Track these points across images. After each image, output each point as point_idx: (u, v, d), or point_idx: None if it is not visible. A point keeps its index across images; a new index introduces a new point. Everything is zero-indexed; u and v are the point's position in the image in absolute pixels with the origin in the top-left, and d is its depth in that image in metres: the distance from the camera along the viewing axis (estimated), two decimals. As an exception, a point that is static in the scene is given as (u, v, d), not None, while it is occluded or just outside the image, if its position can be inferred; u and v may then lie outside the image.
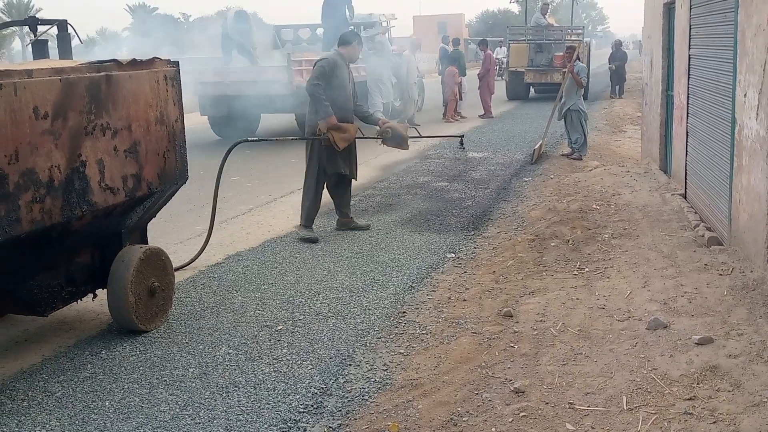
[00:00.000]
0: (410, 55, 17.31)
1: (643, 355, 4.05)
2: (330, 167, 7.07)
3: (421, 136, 7.89)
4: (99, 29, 66.29)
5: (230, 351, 4.51)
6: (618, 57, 22.96)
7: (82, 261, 4.70)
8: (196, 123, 16.75)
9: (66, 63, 4.54)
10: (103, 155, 4.35)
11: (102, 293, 4.83)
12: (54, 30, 5.34)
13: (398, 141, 7.26)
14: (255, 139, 6.59)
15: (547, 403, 3.68)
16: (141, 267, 4.67)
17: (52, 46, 5.62)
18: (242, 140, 6.60)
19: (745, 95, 5.39)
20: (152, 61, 4.82)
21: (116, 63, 4.51)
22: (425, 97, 19.29)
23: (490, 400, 3.76)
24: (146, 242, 5.23)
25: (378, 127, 7.33)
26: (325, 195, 7.30)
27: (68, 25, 5.26)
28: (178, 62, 5.07)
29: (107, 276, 4.64)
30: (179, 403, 3.87)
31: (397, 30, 21.88)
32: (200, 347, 4.58)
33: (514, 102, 21.37)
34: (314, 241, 6.94)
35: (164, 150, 4.91)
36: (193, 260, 6.25)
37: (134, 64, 4.64)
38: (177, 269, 6.12)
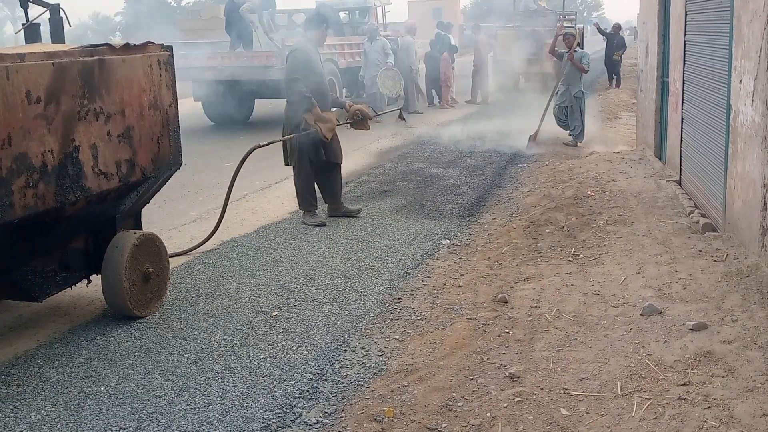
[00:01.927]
0: (410, 39, 16.73)
1: (637, 341, 4.07)
2: (314, 156, 7.01)
3: (377, 114, 8.04)
4: (92, 13, 65.90)
5: (225, 337, 4.50)
6: (617, 43, 21.47)
7: (76, 246, 4.68)
8: (190, 108, 16.70)
9: (59, 47, 4.49)
10: (97, 140, 4.32)
11: (96, 279, 4.81)
12: (46, 14, 5.29)
13: (364, 123, 7.44)
14: (266, 144, 6.70)
15: (541, 389, 3.69)
16: (135, 253, 4.65)
17: (45, 30, 5.57)
18: (256, 146, 6.58)
19: (740, 81, 5.38)
20: (145, 46, 4.77)
21: (109, 47, 4.46)
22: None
23: (485, 386, 3.77)
24: (140, 228, 5.19)
25: (346, 111, 7.43)
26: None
27: (60, 9, 5.22)
28: (171, 47, 5.03)
29: (101, 262, 4.61)
30: (174, 388, 3.87)
31: (391, 15, 21.68)
32: (195, 333, 4.57)
33: (506, 90, 20.88)
34: (322, 224, 6.94)
35: (158, 135, 4.88)
36: (194, 248, 6.23)
37: (127, 48, 4.59)
38: (177, 254, 6.12)
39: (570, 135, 11.50)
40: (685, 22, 7.30)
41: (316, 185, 7.25)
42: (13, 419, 3.59)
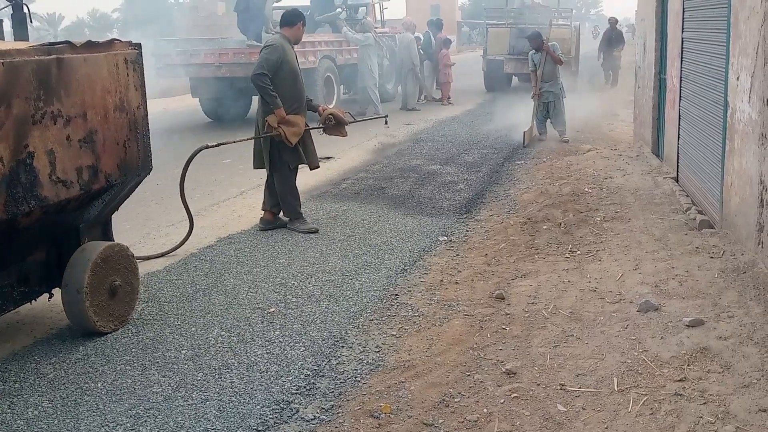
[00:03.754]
0: (409, 36, 16.41)
1: (634, 337, 4.08)
2: (292, 160, 6.66)
3: (356, 120, 7.53)
4: (90, 10, 65.82)
5: (222, 333, 4.50)
6: (615, 38, 20.53)
7: (36, 259, 4.38)
8: (188, 105, 16.69)
9: (12, 45, 4.23)
10: (54, 145, 3.99)
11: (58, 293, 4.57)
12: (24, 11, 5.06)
13: (339, 128, 6.95)
14: (215, 144, 6.25)
15: (538, 385, 3.70)
16: (99, 265, 4.35)
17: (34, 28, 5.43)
18: (203, 147, 6.17)
19: (737, 78, 5.39)
20: (111, 43, 4.50)
21: (69, 45, 4.17)
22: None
23: (481, 382, 3.78)
24: (110, 237, 4.88)
25: (319, 115, 6.96)
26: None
27: (23, 5, 5.00)
28: (140, 44, 4.75)
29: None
30: (172, 384, 3.87)
31: (389, 12, 21.59)
32: (192, 329, 4.57)
33: (497, 90, 20.52)
34: (315, 231, 6.62)
35: (124, 139, 4.57)
36: (172, 250, 6.11)
37: (90, 46, 4.30)
38: (163, 255, 6.07)
39: (559, 133, 11.50)
40: (683, 19, 7.30)
41: (267, 191, 6.81)
42: (10, 415, 3.59)
